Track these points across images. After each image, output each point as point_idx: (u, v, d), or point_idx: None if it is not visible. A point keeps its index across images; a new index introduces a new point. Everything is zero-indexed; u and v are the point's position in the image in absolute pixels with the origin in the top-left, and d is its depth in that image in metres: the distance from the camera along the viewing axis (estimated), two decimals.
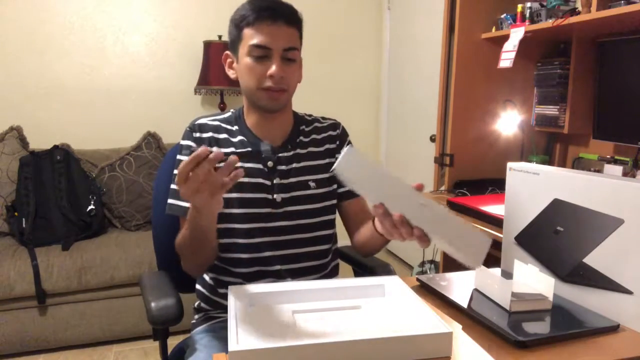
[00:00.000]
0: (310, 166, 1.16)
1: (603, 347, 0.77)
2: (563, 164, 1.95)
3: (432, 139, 2.81)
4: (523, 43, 1.70)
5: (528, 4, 1.72)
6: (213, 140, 1.13)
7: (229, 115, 1.19)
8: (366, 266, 1.31)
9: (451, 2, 1.99)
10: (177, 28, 3.04)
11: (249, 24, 1.05)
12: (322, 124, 1.23)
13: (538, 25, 1.65)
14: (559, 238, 0.96)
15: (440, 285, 0.98)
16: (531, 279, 0.91)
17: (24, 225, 2.29)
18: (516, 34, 1.72)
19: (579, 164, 1.84)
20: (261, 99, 1.09)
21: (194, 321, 1.20)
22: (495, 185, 1.83)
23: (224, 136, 1.14)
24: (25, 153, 2.51)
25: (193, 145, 1.13)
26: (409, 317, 0.81)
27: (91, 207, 2.42)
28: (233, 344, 0.68)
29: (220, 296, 1.15)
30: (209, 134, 1.14)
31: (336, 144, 1.21)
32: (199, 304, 1.21)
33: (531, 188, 1.01)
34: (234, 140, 1.14)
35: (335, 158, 1.20)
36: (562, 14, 1.56)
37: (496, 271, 1.07)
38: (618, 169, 1.61)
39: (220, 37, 2.94)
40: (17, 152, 2.51)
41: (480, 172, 2.00)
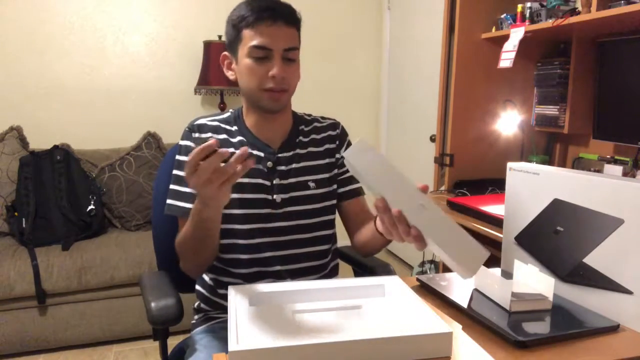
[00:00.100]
0: (309, 166, 1.16)
1: (603, 347, 0.77)
2: (563, 164, 1.95)
3: (432, 139, 2.81)
4: (523, 43, 1.70)
5: (528, 4, 1.72)
6: None
7: (228, 115, 1.18)
8: (366, 266, 1.31)
9: (451, 2, 1.99)
10: (177, 28, 3.04)
11: (248, 25, 1.04)
12: (322, 124, 1.23)
13: (538, 25, 1.65)
14: (559, 238, 0.96)
15: (440, 285, 0.98)
16: (531, 279, 0.91)
17: (24, 225, 2.29)
18: (516, 34, 1.72)
19: (579, 164, 1.84)
20: (263, 100, 1.08)
21: (194, 321, 1.20)
22: (495, 185, 1.83)
23: (224, 136, 1.14)
24: (25, 153, 2.51)
25: (192, 145, 1.12)
26: (409, 317, 0.81)
27: (91, 207, 2.42)
28: (233, 344, 0.68)
29: (220, 297, 1.15)
30: (208, 135, 1.13)
31: (336, 144, 1.21)
32: (199, 305, 1.21)
33: (531, 188, 1.01)
34: (234, 140, 1.14)
35: (335, 158, 1.20)
36: (562, 14, 1.56)
37: (496, 271, 1.07)
38: (618, 169, 1.61)
39: (220, 37, 2.94)
40: (17, 152, 2.51)
41: (480, 172, 2.01)
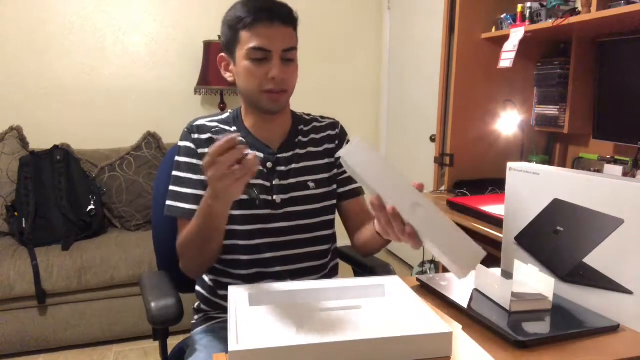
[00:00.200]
0: (309, 166, 1.16)
1: (603, 347, 0.77)
2: (563, 164, 1.95)
3: (432, 139, 2.81)
4: (523, 43, 1.70)
5: (528, 4, 1.72)
6: (211, 141, 1.12)
7: (227, 116, 1.18)
8: (366, 266, 1.31)
9: (451, 2, 1.99)
10: (177, 28, 3.04)
11: (246, 27, 1.04)
12: (321, 123, 1.22)
13: (538, 25, 1.65)
14: (559, 238, 0.96)
15: (440, 285, 0.98)
16: (531, 279, 0.91)
17: (24, 225, 2.29)
18: (516, 34, 1.72)
19: (579, 164, 1.84)
20: (262, 101, 1.08)
21: (194, 321, 1.20)
22: (495, 185, 1.83)
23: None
24: (25, 153, 2.51)
25: (192, 146, 1.12)
26: (409, 317, 0.81)
27: (91, 207, 2.42)
28: (233, 344, 0.68)
29: (220, 298, 1.15)
30: (207, 135, 1.13)
31: (335, 144, 1.20)
32: (199, 305, 1.21)
33: (531, 188, 1.01)
34: None
35: (334, 158, 1.20)
36: (562, 14, 1.56)
37: (496, 271, 1.07)
38: (618, 169, 1.61)
39: (220, 37, 2.93)
40: (17, 152, 2.51)
41: (480, 172, 2.00)
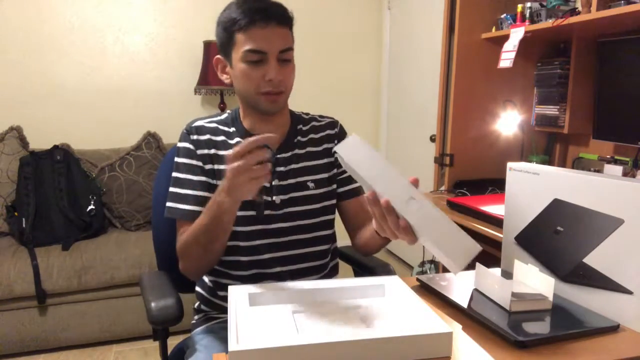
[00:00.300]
0: (308, 166, 1.16)
1: (603, 347, 0.77)
2: (563, 164, 1.95)
3: (432, 139, 2.81)
4: (523, 43, 1.70)
5: (528, 4, 1.72)
6: (211, 142, 1.12)
7: (226, 116, 1.17)
8: (366, 266, 1.31)
9: (451, 2, 1.99)
10: (177, 28, 3.04)
11: (241, 29, 1.02)
12: (320, 123, 1.22)
13: (538, 25, 1.65)
14: (559, 238, 0.96)
15: (440, 285, 0.98)
16: (531, 279, 0.91)
17: (24, 225, 2.29)
18: (516, 34, 1.72)
19: (579, 164, 1.84)
20: (260, 103, 1.07)
21: (194, 321, 1.20)
22: (495, 185, 1.83)
23: (222, 138, 1.13)
24: (25, 153, 2.51)
25: (191, 147, 1.11)
26: (409, 317, 0.81)
27: (91, 207, 2.42)
28: (233, 344, 0.68)
29: (220, 298, 1.15)
30: (207, 136, 1.12)
31: (334, 143, 1.20)
32: (199, 305, 1.21)
33: (531, 188, 1.01)
34: (232, 142, 1.13)
35: (334, 157, 1.19)
36: (562, 14, 1.56)
37: (496, 271, 1.07)
38: (618, 169, 1.61)
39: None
40: (17, 152, 2.51)
41: (480, 172, 2.01)
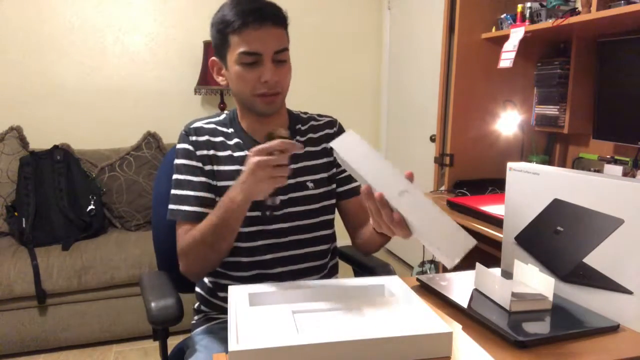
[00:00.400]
0: (308, 166, 1.16)
1: (603, 347, 0.77)
2: (563, 164, 1.95)
3: (432, 139, 2.81)
4: (523, 43, 1.70)
5: (528, 4, 1.72)
6: (210, 143, 1.11)
7: (224, 117, 1.17)
8: (366, 266, 1.31)
9: (451, 2, 1.99)
10: (177, 28, 3.04)
11: (235, 31, 1.01)
12: (319, 122, 1.22)
13: (538, 25, 1.65)
14: (559, 238, 0.96)
15: (440, 285, 0.98)
16: (531, 279, 0.91)
17: (24, 225, 2.29)
18: (516, 34, 1.72)
19: (579, 164, 1.84)
20: (256, 105, 1.07)
21: (194, 322, 1.20)
22: (495, 185, 1.83)
23: (220, 139, 1.13)
24: (25, 153, 2.51)
25: (190, 148, 1.11)
26: (409, 317, 0.81)
27: (91, 207, 2.42)
28: (233, 344, 0.68)
29: (220, 299, 1.15)
30: (205, 137, 1.12)
31: None
32: (199, 305, 1.21)
33: (531, 188, 1.01)
34: (230, 143, 1.12)
35: (333, 157, 1.19)
36: (562, 14, 1.56)
37: (496, 271, 1.07)
38: (618, 169, 1.61)
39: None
40: (17, 152, 2.51)
41: (480, 172, 2.00)
